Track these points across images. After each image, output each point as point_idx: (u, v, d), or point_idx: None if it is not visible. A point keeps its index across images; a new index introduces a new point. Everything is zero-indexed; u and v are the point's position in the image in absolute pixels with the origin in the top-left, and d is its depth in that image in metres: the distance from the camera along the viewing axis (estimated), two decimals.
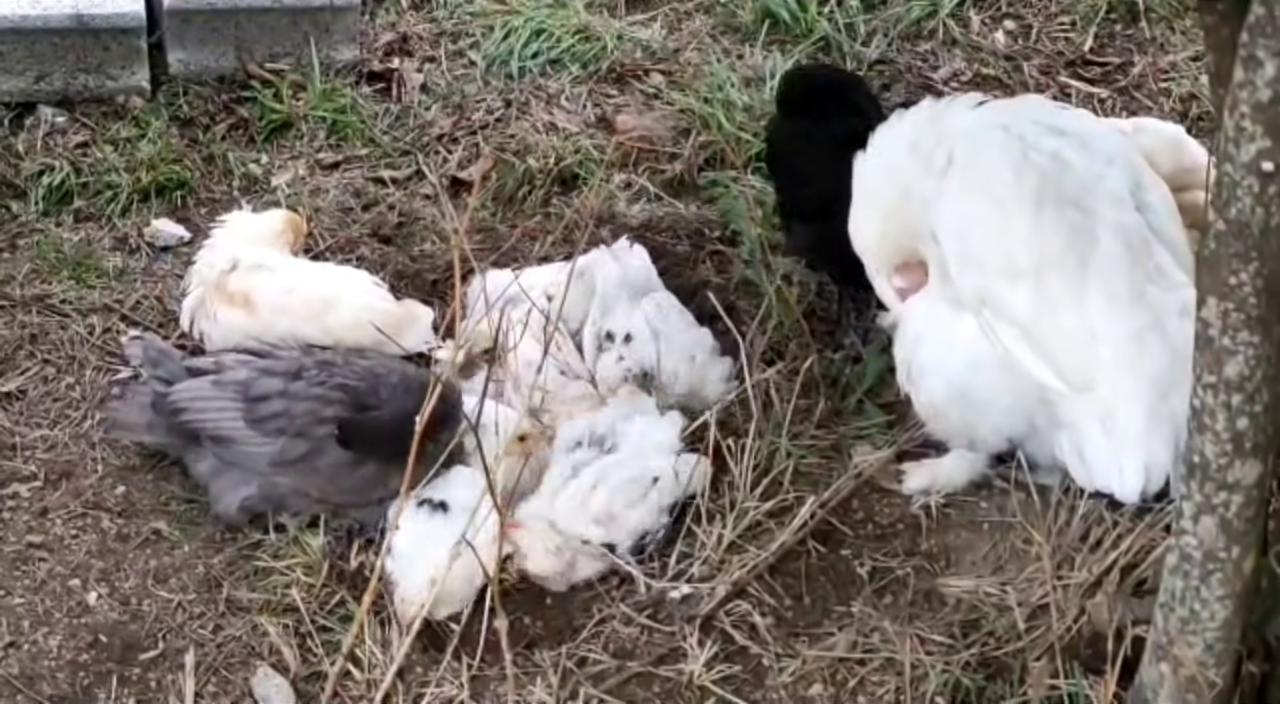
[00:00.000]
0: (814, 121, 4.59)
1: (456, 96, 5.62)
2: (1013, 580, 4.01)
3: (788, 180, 4.68)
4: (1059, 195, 3.93)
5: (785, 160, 4.68)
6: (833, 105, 4.58)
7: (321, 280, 4.63)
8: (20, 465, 4.40)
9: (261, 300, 4.51)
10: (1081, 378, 3.88)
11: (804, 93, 4.73)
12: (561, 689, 3.89)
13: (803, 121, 4.65)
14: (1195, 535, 3.28)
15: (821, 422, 4.45)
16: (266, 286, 4.54)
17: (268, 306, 4.50)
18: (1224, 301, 3.06)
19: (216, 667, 3.96)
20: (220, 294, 4.54)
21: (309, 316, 4.48)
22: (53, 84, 5.48)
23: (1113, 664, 3.50)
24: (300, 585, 4.08)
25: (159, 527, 4.26)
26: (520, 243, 5.01)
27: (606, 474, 4.16)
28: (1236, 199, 2.96)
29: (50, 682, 3.92)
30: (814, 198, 4.45)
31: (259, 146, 5.44)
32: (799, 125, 4.66)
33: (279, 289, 4.53)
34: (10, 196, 5.21)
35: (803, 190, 4.58)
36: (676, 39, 5.88)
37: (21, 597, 4.09)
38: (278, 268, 4.61)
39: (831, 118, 4.54)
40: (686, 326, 4.61)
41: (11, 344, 4.72)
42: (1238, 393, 3.12)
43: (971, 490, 4.26)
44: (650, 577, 4.11)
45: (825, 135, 4.47)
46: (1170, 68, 5.75)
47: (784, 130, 4.74)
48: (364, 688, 3.88)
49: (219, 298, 4.54)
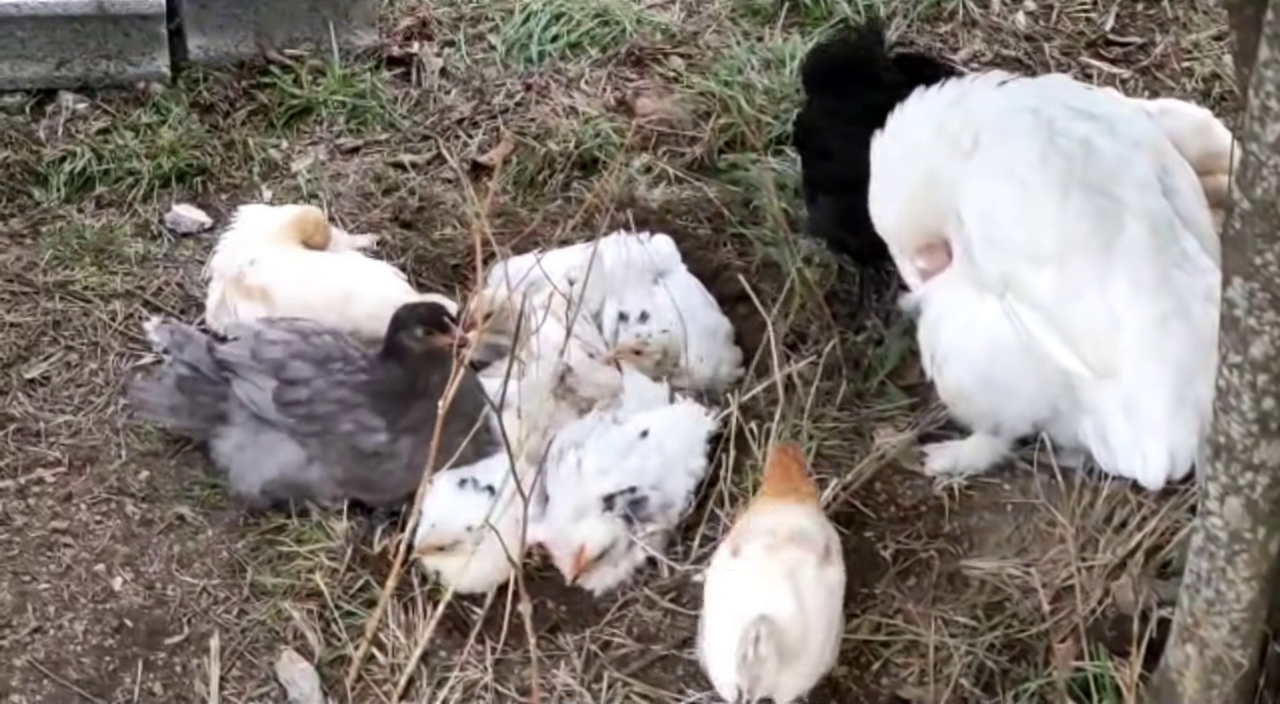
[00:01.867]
0: (842, 97, 4.58)
1: (476, 81, 5.61)
2: (1037, 562, 4.01)
3: (816, 154, 4.66)
4: (1085, 180, 3.91)
5: (814, 135, 4.66)
6: (859, 81, 4.58)
7: (340, 271, 4.62)
8: (45, 451, 4.42)
9: (279, 294, 4.51)
10: (1105, 363, 3.86)
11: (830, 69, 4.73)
12: (585, 673, 3.90)
13: (831, 97, 4.63)
14: (1221, 516, 3.28)
15: (844, 404, 4.44)
16: (284, 280, 4.53)
17: (286, 299, 4.49)
18: (1249, 281, 3.04)
19: (241, 651, 3.97)
20: (239, 289, 4.54)
21: (328, 308, 4.47)
22: (74, 71, 5.49)
23: (1138, 646, 3.50)
24: (324, 570, 4.09)
25: (183, 512, 4.27)
26: (541, 227, 5.01)
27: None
28: (1262, 178, 2.94)
29: (76, 666, 3.93)
30: (841, 172, 4.41)
31: (279, 132, 5.44)
32: (827, 101, 4.65)
33: (297, 281, 4.53)
34: (32, 183, 5.22)
35: (829, 164, 4.56)
36: (696, 22, 5.87)
37: (47, 582, 4.11)
38: (295, 261, 4.60)
39: (858, 93, 4.53)
40: (707, 308, 4.62)
41: (35, 330, 4.73)
42: (1263, 373, 3.10)
43: (994, 472, 4.25)
44: (673, 560, 4.12)
45: (854, 110, 4.46)
46: (1193, 47, 5.72)
47: (813, 106, 4.72)
48: (388, 672, 3.89)
49: (238, 293, 4.54)
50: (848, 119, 4.43)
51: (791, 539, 3.70)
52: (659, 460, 4.18)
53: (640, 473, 4.15)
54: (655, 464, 4.17)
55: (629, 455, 4.17)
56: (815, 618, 3.61)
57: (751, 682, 3.52)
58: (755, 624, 3.50)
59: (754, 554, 3.69)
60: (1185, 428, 3.79)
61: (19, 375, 4.61)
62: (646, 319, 4.54)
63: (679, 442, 4.23)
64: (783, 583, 3.61)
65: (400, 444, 4.14)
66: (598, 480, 4.12)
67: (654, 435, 4.21)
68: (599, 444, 4.20)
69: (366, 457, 4.15)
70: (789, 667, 3.55)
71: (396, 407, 4.15)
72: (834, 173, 4.49)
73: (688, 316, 4.51)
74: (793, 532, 3.72)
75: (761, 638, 3.48)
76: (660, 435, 4.22)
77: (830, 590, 3.68)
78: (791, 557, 3.67)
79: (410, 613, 3.98)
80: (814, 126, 4.67)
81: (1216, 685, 3.43)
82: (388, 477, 4.17)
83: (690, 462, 4.23)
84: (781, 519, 3.76)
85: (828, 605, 3.67)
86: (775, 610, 3.55)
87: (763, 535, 3.72)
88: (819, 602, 3.63)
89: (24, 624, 4.01)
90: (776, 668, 3.52)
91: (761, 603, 3.57)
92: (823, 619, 3.63)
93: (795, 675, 3.58)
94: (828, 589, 3.68)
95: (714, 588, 3.73)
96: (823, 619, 3.63)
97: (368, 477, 4.18)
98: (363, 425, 4.15)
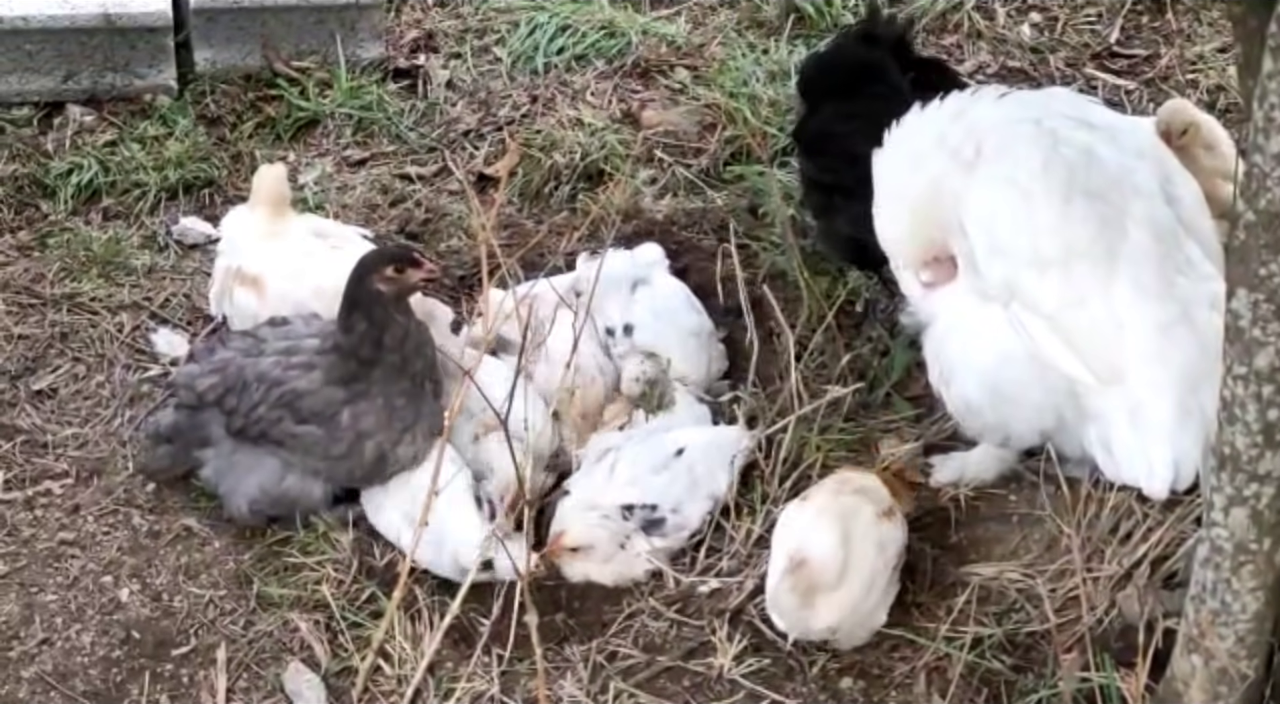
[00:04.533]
0: (853, 100, 4.57)
1: (482, 92, 5.63)
2: (1042, 573, 4.01)
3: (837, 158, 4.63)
4: (1088, 187, 3.91)
5: (832, 139, 4.64)
6: (867, 84, 4.57)
7: (332, 270, 4.59)
8: (52, 463, 4.43)
9: (271, 284, 4.51)
10: (1109, 370, 3.86)
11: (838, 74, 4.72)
12: (591, 684, 3.90)
13: (844, 101, 4.62)
14: (1226, 527, 3.28)
15: (849, 415, 4.44)
16: (276, 271, 4.53)
17: (276, 292, 4.50)
18: (1254, 292, 3.05)
19: (248, 662, 3.97)
20: (236, 278, 4.56)
21: (316, 301, 4.46)
22: (81, 83, 5.51)
23: (1144, 656, 3.49)
24: (330, 581, 4.10)
25: (189, 523, 4.28)
26: (546, 238, 5.01)
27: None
28: (1266, 190, 2.95)
29: (83, 678, 3.94)
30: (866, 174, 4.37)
31: (286, 144, 5.46)
32: (840, 105, 4.63)
33: (288, 274, 4.53)
34: (39, 195, 5.24)
35: (854, 169, 4.51)
36: (701, 33, 5.89)
37: (54, 593, 4.12)
38: (289, 253, 4.59)
39: (868, 96, 4.53)
40: (689, 310, 4.65)
41: (42, 342, 4.74)
42: (1268, 384, 3.11)
43: (1000, 483, 4.25)
44: (680, 571, 4.12)
45: (867, 113, 4.45)
46: (1197, 59, 5.73)
47: (824, 110, 4.70)
48: (395, 683, 3.90)
49: (236, 281, 4.56)
50: (867, 119, 4.42)
51: (857, 491, 3.96)
52: (687, 481, 4.20)
53: (665, 493, 4.17)
54: (681, 486, 4.19)
55: (660, 472, 4.18)
56: (858, 559, 3.82)
57: (785, 619, 3.81)
58: (788, 557, 3.76)
59: (817, 496, 3.95)
60: (1190, 437, 3.78)
61: (27, 387, 4.62)
62: (631, 332, 4.56)
63: (710, 464, 4.24)
64: (833, 522, 3.84)
65: (362, 413, 4.14)
66: (624, 489, 4.14)
67: (688, 455, 4.22)
68: (635, 453, 4.21)
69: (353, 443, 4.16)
70: (823, 597, 3.78)
71: (355, 373, 4.14)
72: (860, 176, 4.43)
73: (668, 321, 4.52)
74: (861, 486, 3.98)
75: (792, 574, 3.75)
76: (694, 456, 4.23)
77: (881, 543, 3.88)
78: (851, 502, 3.92)
79: (416, 624, 3.98)
80: (829, 131, 4.65)
81: (1222, 697, 3.43)
82: (359, 454, 4.16)
83: (715, 486, 4.23)
84: (856, 476, 4.03)
85: (874, 555, 3.86)
86: (815, 545, 3.79)
87: (832, 484, 4.00)
88: (866, 548, 3.85)
89: (31, 636, 4.01)
90: (807, 605, 3.78)
91: (800, 539, 3.82)
92: (866, 564, 3.84)
93: (830, 606, 3.80)
94: (878, 540, 3.88)
95: (776, 532, 3.94)
96: (866, 564, 3.84)
97: (339, 463, 4.18)
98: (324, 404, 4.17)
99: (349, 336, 4.13)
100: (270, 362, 4.19)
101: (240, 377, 4.19)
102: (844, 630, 3.86)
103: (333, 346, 4.15)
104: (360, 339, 4.12)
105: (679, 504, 4.17)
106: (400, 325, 4.12)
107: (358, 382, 4.13)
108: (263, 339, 4.26)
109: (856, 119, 4.52)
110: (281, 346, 4.22)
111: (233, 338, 4.35)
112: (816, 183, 4.73)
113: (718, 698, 3.87)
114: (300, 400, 4.15)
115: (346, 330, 4.13)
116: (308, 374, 4.15)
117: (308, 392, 4.14)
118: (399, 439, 4.14)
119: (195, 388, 4.24)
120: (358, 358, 4.13)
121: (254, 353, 4.23)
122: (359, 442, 4.13)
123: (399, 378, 4.13)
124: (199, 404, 4.25)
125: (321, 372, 4.15)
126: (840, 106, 4.64)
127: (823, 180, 4.70)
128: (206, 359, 4.30)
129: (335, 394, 4.14)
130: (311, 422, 4.14)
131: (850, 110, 4.58)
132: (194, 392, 4.24)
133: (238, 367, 4.21)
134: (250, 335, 4.31)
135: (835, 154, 4.62)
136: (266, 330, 4.30)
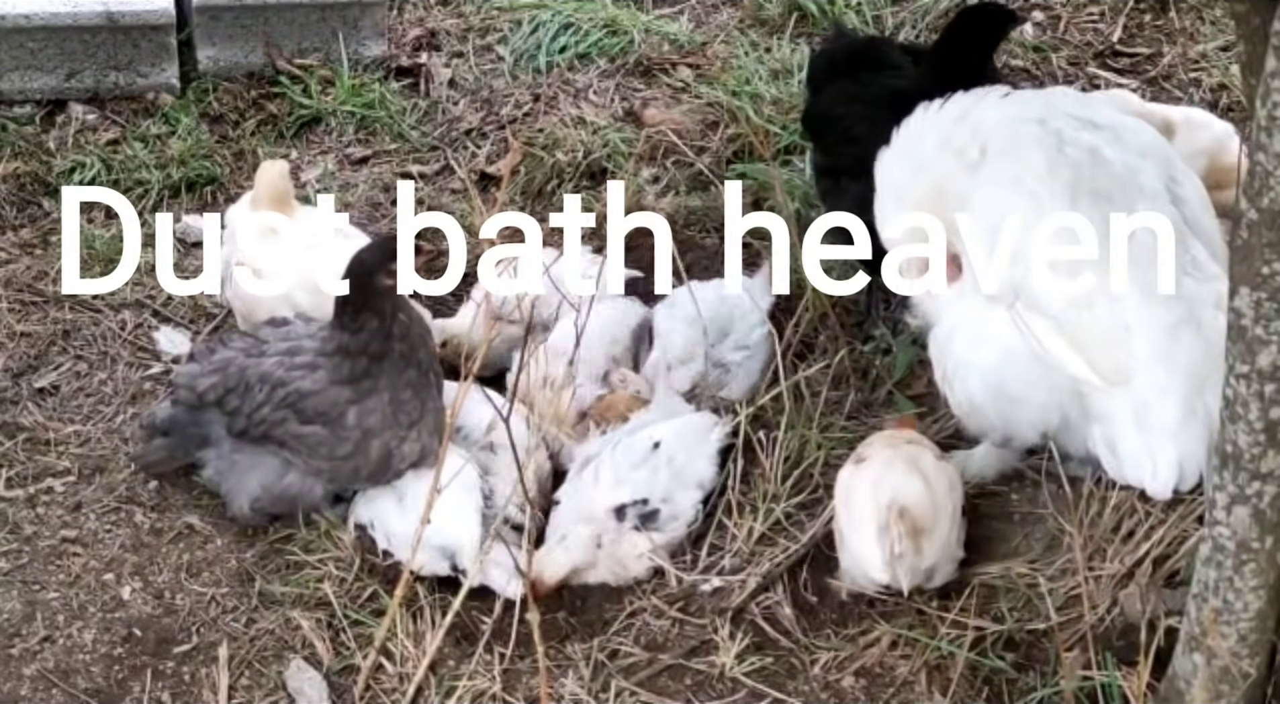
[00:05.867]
0: (860, 82, 4.59)
1: (484, 91, 5.63)
2: (1044, 571, 4.01)
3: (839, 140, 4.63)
4: (1093, 188, 3.91)
5: (835, 121, 4.65)
6: (872, 66, 4.59)
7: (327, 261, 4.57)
8: (54, 460, 4.43)
9: (270, 273, 4.51)
10: (1116, 372, 3.85)
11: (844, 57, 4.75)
12: (593, 682, 3.90)
13: (849, 82, 4.64)
14: (1228, 526, 3.27)
15: (852, 414, 4.45)
16: (273, 261, 4.52)
17: (274, 280, 4.50)
18: (1257, 291, 3.04)
19: (250, 660, 3.98)
20: (238, 265, 4.56)
21: (311, 290, 4.45)
22: (83, 81, 5.51)
23: (1146, 655, 3.49)
24: (332, 579, 4.10)
25: (191, 521, 4.28)
26: (549, 237, 5.01)
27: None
28: (1269, 188, 2.95)
29: (85, 675, 3.94)
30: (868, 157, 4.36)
31: (288, 142, 5.46)
32: (845, 86, 4.64)
33: (283, 264, 4.52)
34: (42, 194, 5.24)
35: (855, 149, 4.52)
36: (704, 32, 5.89)
37: (56, 591, 4.12)
38: (286, 244, 4.56)
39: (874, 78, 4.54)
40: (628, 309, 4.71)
41: (45, 340, 4.75)
42: (1270, 382, 3.10)
43: (1002, 482, 4.25)
44: (681, 570, 4.12)
45: (872, 94, 4.46)
46: (1200, 58, 5.73)
47: (829, 92, 4.72)
48: (396, 681, 3.90)
49: (237, 267, 4.56)
50: (870, 102, 4.43)
51: (910, 441, 4.11)
52: (669, 472, 4.19)
53: (651, 485, 4.16)
54: (665, 476, 4.18)
55: (640, 467, 4.18)
56: (943, 498, 3.97)
57: (900, 570, 3.87)
58: (889, 512, 3.86)
59: (877, 454, 4.04)
60: (1194, 438, 3.78)
61: (29, 385, 4.63)
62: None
63: (689, 453, 4.24)
64: (909, 470, 3.97)
65: (368, 412, 4.14)
66: (612, 492, 4.14)
67: (665, 447, 4.22)
68: (614, 455, 4.21)
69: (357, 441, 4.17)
70: (925, 540, 3.90)
71: (365, 370, 4.13)
72: (860, 157, 4.42)
73: (616, 327, 4.57)
74: (909, 437, 4.13)
75: (898, 523, 3.85)
76: (671, 447, 4.23)
77: (950, 481, 4.03)
78: (911, 450, 4.05)
79: (418, 622, 3.98)
80: (833, 113, 4.66)
81: (1224, 695, 3.43)
82: (364, 453, 4.16)
83: (699, 474, 4.24)
84: (891, 433, 4.17)
85: (949, 491, 4.01)
86: (905, 494, 3.91)
87: (882, 440, 4.11)
88: (944, 486, 4.00)
89: (33, 633, 4.02)
90: (915, 550, 3.88)
91: (892, 490, 3.91)
92: (949, 502, 3.99)
93: (931, 547, 3.92)
94: (948, 479, 4.03)
95: (845, 493, 4.02)
96: (949, 502, 3.99)
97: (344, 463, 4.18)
98: (329, 403, 4.16)
99: (359, 336, 4.11)
100: (273, 362, 4.19)
101: (242, 377, 4.19)
102: (940, 568, 3.97)
103: (337, 347, 4.14)
104: (371, 337, 4.11)
105: (668, 494, 4.16)
106: (405, 313, 4.13)
107: (365, 380, 4.12)
108: (264, 340, 4.26)
109: (855, 102, 4.54)
110: (283, 347, 4.22)
111: (234, 338, 4.35)
112: (822, 167, 4.75)
113: (719, 696, 3.87)
114: (304, 401, 4.14)
115: (356, 330, 4.12)
116: (312, 374, 4.15)
117: (312, 392, 4.14)
118: (404, 436, 4.14)
119: (195, 387, 4.23)
120: (368, 355, 4.12)
121: (255, 353, 4.22)
122: (364, 440, 4.13)
123: (406, 368, 4.12)
124: (199, 404, 4.24)
125: (326, 372, 4.15)
126: (839, 89, 4.65)
127: (825, 163, 4.72)
128: (207, 359, 4.29)
129: (341, 394, 4.13)
130: (316, 422, 4.14)
131: (850, 92, 4.60)
132: (194, 391, 4.24)
133: (239, 367, 4.21)
134: (251, 336, 4.31)
135: (836, 136, 4.63)
136: (268, 331, 4.30)
